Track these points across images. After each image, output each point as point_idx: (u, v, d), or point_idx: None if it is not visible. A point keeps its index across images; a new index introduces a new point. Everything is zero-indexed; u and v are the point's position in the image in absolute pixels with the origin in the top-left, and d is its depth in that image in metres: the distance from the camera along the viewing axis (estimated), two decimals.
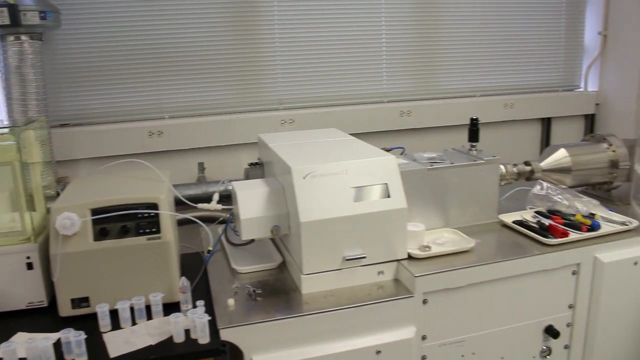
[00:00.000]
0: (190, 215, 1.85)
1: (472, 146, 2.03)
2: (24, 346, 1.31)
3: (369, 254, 1.61)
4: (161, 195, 1.58)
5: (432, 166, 1.88)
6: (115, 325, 1.48)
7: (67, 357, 1.34)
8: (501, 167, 2.06)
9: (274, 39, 2.55)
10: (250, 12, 2.50)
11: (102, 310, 1.47)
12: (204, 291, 1.65)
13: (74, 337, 1.32)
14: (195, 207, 1.95)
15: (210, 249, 1.86)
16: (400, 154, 2.07)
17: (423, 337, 1.66)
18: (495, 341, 1.77)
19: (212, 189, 2.22)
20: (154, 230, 1.54)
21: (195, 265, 1.82)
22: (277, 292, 1.62)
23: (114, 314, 1.48)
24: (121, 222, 1.53)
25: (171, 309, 1.50)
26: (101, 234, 1.51)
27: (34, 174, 1.72)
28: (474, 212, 1.97)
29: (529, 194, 2.08)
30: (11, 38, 2.01)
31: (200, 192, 2.27)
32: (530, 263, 1.74)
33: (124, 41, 2.37)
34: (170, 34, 2.41)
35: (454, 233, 1.86)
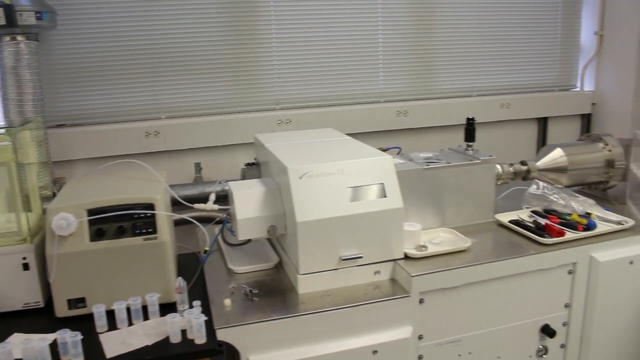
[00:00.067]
0: (186, 216, 1.85)
1: (468, 146, 2.04)
2: (20, 347, 1.31)
3: (365, 254, 1.61)
4: (157, 195, 1.58)
5: (428, 166, 1.88)
6: (112, 325, 1.48)
7: (63, 357, 1.33)
8: (497, 166, 2.07)
9: (270, 39, 2.55)
10: (247, 13, 2.50)
11: (98, 311, 1.46)
12: (200, 291, 1.65)
13: (70, 338, 1.32)
14: (192, 208, 1.95)
15: (206, 249, 1.86)
16: (396, 154, 2.07)
17: (419, 337, 1.67)
18: (491, 340, 1.77)
19: (208, 189, 2.22)
20: (150, 230, 1.54)
21: (192, 265, 1.82)
22: (273, 292, 1.62)
23: (110, 314, 1.48)
24: (117, 222, 1.53)
25: (168, 309, 1.50)
26: (97, 234, 1.51)
27: (30, 174, 1.72)
28: (471, 212, 1.97)
29: (525, 194, 2.09)
30: (7, 38, 2.01)
31: (197, 193, 2.27)
32: (527, 262, 1.74)
33: (120, 41, 2.36)
34: (167, 34, 2.41)
35: (450, 233, 1.87)
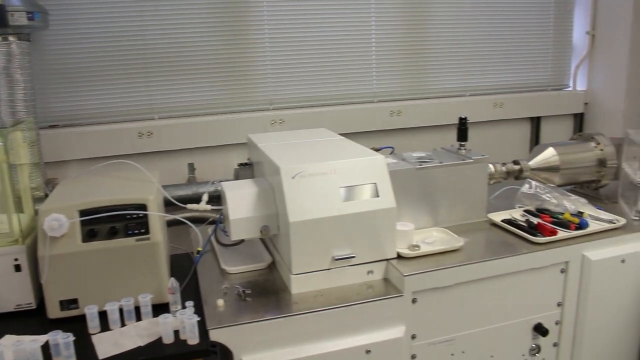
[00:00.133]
0: (179, 216, 1.85)
1: (461, 145, 2.04)
2: (11, 349, 1.30)
3: (358, 254, 1.61)
4: (150, 196, 1.58)
5: (421, 166, 1.89)
6: (104, 326, 1.48)
7: (55, 359, 1.33)
8: (490, 166, 2.07)
9: (263, 40, 2.55)
10: (240, 13, 2.50)
11: (90, 312, 1.46)
12: (193, 292, 1.64)
13: (62, 339, 1.32)
14: (185, 208, 1.94)
15: (199, 249, 1.86)
16: (389, 154, 2.08)
17: (413, 336, 1.67)
18: (484, 339, 1.78)
19: (202, 189, 2.22)
20: (142, 231, 1.54)
21: (185, 266, 1.82)
22: (266, 292, 1.62)
23: (103, 315, 1.47)
24: (110, 223, 1.53)
25: (160, 310, 1.49)
26: (90, 235, 1.51)
27: (21, 175, 1.71)
28: (463, 211, 1.98)
29: (517, 193, 2.09)
30: None
31: (191, 193, 2.27)
32: (519, 261, 1.75)
33: (113, 41, 2.36)
34: (160, 34, 2.41)
35: (443, 232, 1.87)
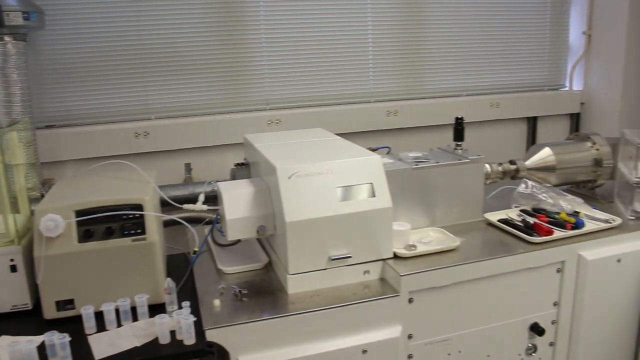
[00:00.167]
0: (176, 216, 1.85)
1: (457, 145, 2.04)
2: (7, 350, 1.30)
3: (354, 254, 1.61)
4: (146, 196, 1.57)
5: (417, 165, 1.89)
6: (101, 327, 1.47)
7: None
8: (486, 166, 2.07)
9: (260, 40, 2.55)
10: (236, 13, 2.49)
11: (87, 312, 1.46)
12: (189, 292, 1.64)
13: (58, 340, 1.31)
14: (181, 208, 1.94)
15: (196, 249, 1.86)
16: (386, 154, 2.08)
17: (409, 336, 1.67)
18: (481, 339, 1.78)
19: (198, 189, 2.22)
20: (139, 231, 1.54)
21: (182, 266, 1.81)
22: (263, 293, 1.62)
23: (99, 315, 1.47)
24: (106, 223, 1.52)
25: (157, 310, 1.49)
26: (86, 235, 1.50)
27: (17, 175, 1.71)
28: (460, 211, 1.98)
29: (514, 193, 2.10)
30: None
31: (187, 193, 2.27)
32: (515, 261, 1.75)
33: (110, 42, 2.35)
34: (156, 34, 2.40)
35: (439, 232, 1.87)
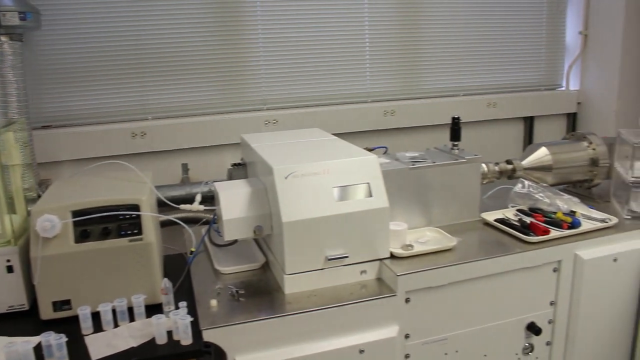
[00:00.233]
0: (172, 217, 1.85)
1: (454, 145, 2.05)
2: (3, 350, 1.30)
3: (351, 254, 1.61)
4: (143, 196, 1.57)
5: (414, 165, 1.89)
6: (97, 327, 1.47)
7: None
8: (483, 165, 2.08)
9: (257, 40, 2.55)
10: (233, 13, 2.50)
11: (83, 313, 1.45)
12: (186, 292, 1.64)
13: (54, 341, 1.31)
14: (178, 208, 1.94)
15: (193, 250, 1.86)
16: (383, 154, 2.08)
17: (406, 336, 1.67)
18: (478, 339, 1.78)
19: (195, 189, 2.21)
20: (135, 231, 1.53)
21: (179, 266, 1.81)
22: (260, 293, 1.62)
23: (96, 316, 1.47)
24: (102, 223, 1.52)
25: (154, 310, 1.48)
26: (82, 236, 1.50)
27: (14, 176, 1.70)
28: (456, 211, 1.98)
29: (510, 193, 2.10)
30: None
31: (184, 193, 2.27)
32: (512, 261, 1.75)
33: (106, 42, 2.35)
34: (153, 34, 2.40)
35: (436, 232, 1.88)
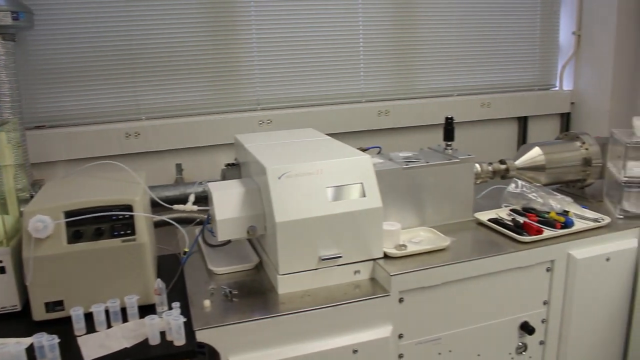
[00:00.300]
0: (166, 217, 1.84)
1: (447, 145, 2.05)
2: None
3: (345, 254, 1.62)
4: (136, 197, 1.57)
5: (407, 165, 1.89)
6: (90, 328, 1.47)
7: None
8: (476, 165, 2.08)
9: (251, 40, 2.55)
10: (227, 13, 2.49)
11: (76, 314, 1.45)
12: (180, 293, 1.64)
13: (47, 342, 1.31)
14: (171, 209, 1.94)
15: (186, 250, 1.86)
16: (376, 154, 2.08)
17: (400, 336, 1.68)
18: (471, 338, 1.79)
19: (189, 190, 2.21)
20: (128, 232, 1.53)
21: (172, 266, 1.81)
22: (253, 293, 1.62)
23: (89, 317, 1.46)
24: (95, 224, 1.52)
25: (147, 311, 1.48)
26: (75, 236, 1.50)
27: (6, 176, 1.70)
28: (450, 211, 1.98)
29: (504, 192, 2.11)
30: None
31: (178, 194, 2.26)
32: (505, 260, 1.76)
33: (100, 42, 2.35)
34: (146, 34, 2.40)
35: (429, 232, 1.88)
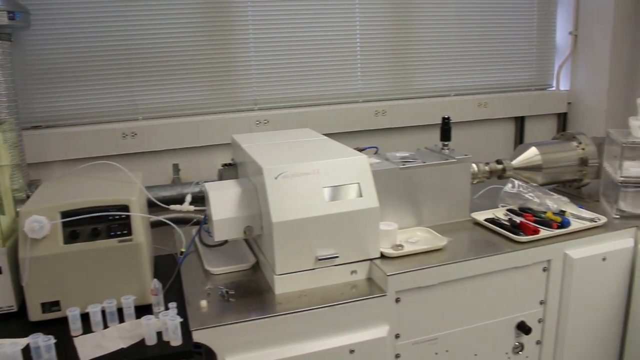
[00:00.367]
0: (162, 217, 1.84)
1: (444, 145, 2.05)
2: None
3: (341, 254, 1.62)
4: (132, 197, 1.57)
5: (404, 165, 1.89)
6: (87, 328, 1.46)
7: None
8: (473, 165, 2.08)
9: (248, 40, 2.55)
10: (224, 13, 2.49)
11: (72, 314, 1.45)
12: (176, 293, 1.64)
13: (43, 342, 1.30)
14: (168, 209, 1.94)
15: (183, 250, 1.85)
16: (373, 154, 2.08)
17: (396, 336, 1.68)
18: (468, 338, 1.79)
19: (186, 190, 2.21)
20: (125, 232, 1.53)
21: (169, 267, 1.81)
22: (250, 293, 1.62)
23: (85, 317, 1.46)
24: (92, 224, 1.51)
25: (143, 311, 1.48)
26: (71, 236, 1.50)
27: (2, 177, 1.69)
28: (447, 211, 1.99)
29: (501, 192, 2.11)
30: None
31: (175, 194, 2.26)
32: (502, 260, 1.76)
33: (97, 42, 2.34)
34: (143, 34, 2.40)
35: (426, 232, 1.88)
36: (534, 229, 1.84)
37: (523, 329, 1.85)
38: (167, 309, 1.47)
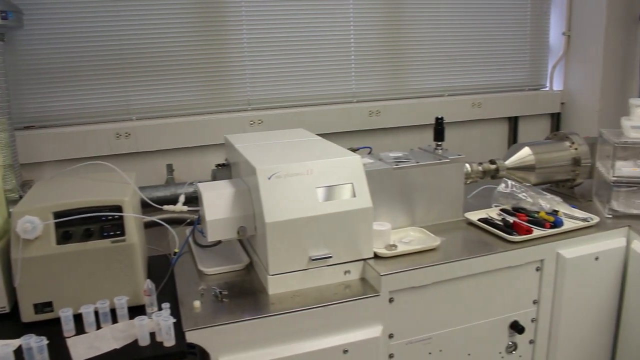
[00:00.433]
0: (156, 218, 1.84)
1: (437, 145, 2.06)
2: None
3: (335, 254, 1.62)
4: (125, 197, 1.56)
5: (397, 165, 1.90)
6: (80, 329, 1.46)
7: None
8: (466, 165, 2.09)
9: (242, 40, 2.55)
10: (218, 13, 2.49)
11: (65, 315, 1.44)
12: (170, 293, 1.63)
13: (35, 343, 1.30)
14: (162, 209, 1.93)
15: (176, 250, 1.85)
16: (367, 154, 2.09)
17: (390, 336, 1.68)
18: (461, 338, 1.80)
19: (180, 190, 2.20)
20: (118, 233, 1.53)
21: (162, 267, 1.80)
22: (243, 293, 1.62)
23: (78, 318, 1.46)
24: (85, 225, 1.51)
25: (136, 312, 1.48)
26: (64, 237, 1.49)
27: None
28: (440, 211, 1.99)
29: (494, 192, 2.12)
30: None
31: (169, 194, 2.26)
32: (495, 260, 1.77)
33: (90, 42, 2.33)
34: (137, 34, 2.39)
35: (420, 232, 1.88)
36: (527, 228, 1.85)
37: (516, 328, 1.85)
38: (160, 309, 1.47)
